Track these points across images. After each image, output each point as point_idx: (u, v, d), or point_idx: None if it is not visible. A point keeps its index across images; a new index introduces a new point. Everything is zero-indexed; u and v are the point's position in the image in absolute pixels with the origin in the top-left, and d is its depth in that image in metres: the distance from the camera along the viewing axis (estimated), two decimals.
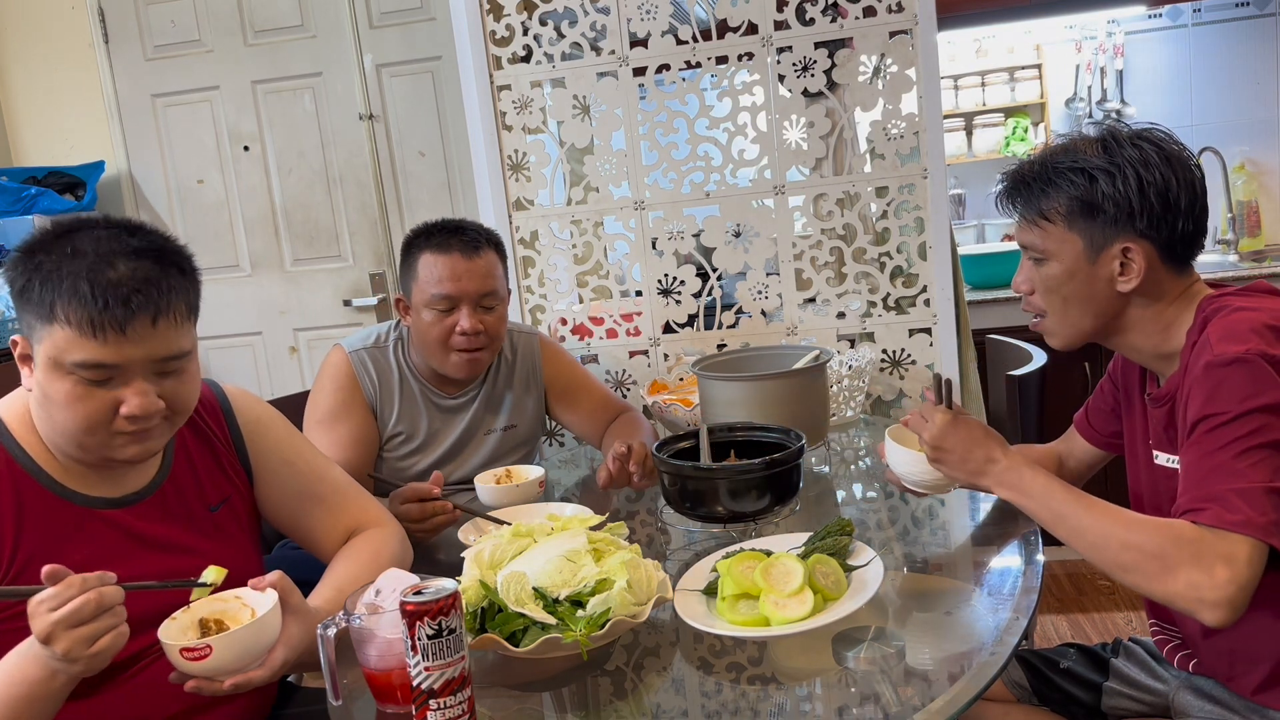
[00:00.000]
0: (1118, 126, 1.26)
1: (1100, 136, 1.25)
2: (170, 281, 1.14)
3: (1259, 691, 1.23)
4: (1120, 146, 1.22)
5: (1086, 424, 1.52)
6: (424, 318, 1.84)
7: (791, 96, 2.31)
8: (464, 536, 1.52)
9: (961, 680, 1.02)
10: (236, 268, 3.30)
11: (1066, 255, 1.25)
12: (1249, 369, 1.08)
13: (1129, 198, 1.20)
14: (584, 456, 2.22)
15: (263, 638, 1.10)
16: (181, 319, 1.16)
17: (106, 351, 1.09)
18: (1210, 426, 1.10)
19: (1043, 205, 1.26)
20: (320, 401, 1.88)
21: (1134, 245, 1.21)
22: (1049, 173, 1.25)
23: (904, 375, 2.36)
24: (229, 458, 1.35)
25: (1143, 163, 1.20)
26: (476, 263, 1.83)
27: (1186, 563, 1.04)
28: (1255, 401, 1.07)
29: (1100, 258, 1.23)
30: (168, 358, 1.15)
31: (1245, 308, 1.16)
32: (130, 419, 1.12)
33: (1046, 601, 2.92)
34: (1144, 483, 1.36)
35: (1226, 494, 1.05)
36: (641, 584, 1.15)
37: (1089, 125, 1.33)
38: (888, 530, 1.54)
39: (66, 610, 0.98)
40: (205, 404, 1.34)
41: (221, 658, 1.06)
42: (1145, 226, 1.20)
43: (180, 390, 1.18)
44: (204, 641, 1.06)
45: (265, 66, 3.16)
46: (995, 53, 3.52)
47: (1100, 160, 1.22)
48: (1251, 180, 3.39)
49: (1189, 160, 1.23)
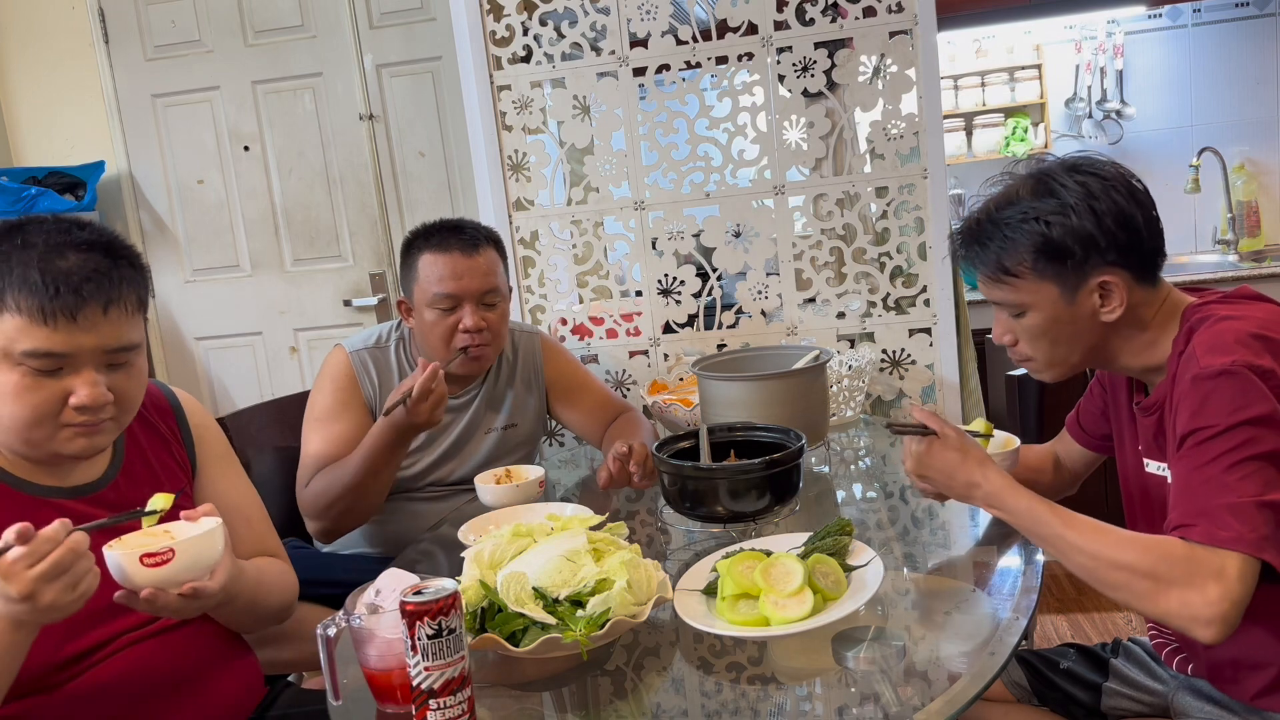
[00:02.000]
0: (1048, 164, 1.25)
1: (1036, 178, 1.24)
2: (121, 273, 1.15)
3: (1259, 697, 1.23)
4: (1061, 184, 1.21)
5: (1078, 426, 1.52)
6: (426, 317, 1.84)
7: (791, 96, 2.31)
8: (464, 536, 1.52)
9: (961, 680, 1.02)
10: (236, 268, 3.30)
11: (1044, 303, 1.24)
12: (1236, 381, 1.08)
13: (1090, 233, 1.19)
14: (584, 456, 2.22)
15: (215, 547, 1.13)
16: (132, 310, 1.17)
17: (57, 339, 1.10)
18: (1199, 440, 1.10)
19: (1004, 262, 1.24)
20: (319, 400, 1.88)
21: (1109, 276, 1.21)
22: (1000, 228, 1.24)
23: (904, 375, 2.36)
24: (179, 453, 1.37)
25: (1089, 194, 1.20)
26: (477, 260, 1.84)
27: (1178, 581, 1.04)
28: (1243, 414, 1.07)
29: (1078, 297, 1.23)
30: (118, 348, 1.15)
31: (1230, 316, 1.16)
32: (79, 409, 1.12)
33: (1046, 601, 2.92)
34: (1135, 488, 1.36)
35: (1217, 509, 1.05)
36: (641, 584, 1.15)
37: (1019, 165, 1.31)
38: (888, 530, 1.54)
39: (48, 564, 0.99)
40: (155, 402, 1.36)
41: (181, 562, 1.08)
42: (1114, 256, 1.20)
43: (128, 386, 1.18)
44: (167, 545, 1.07)
45: (265, 66, 3.16)
46: (995, 53, 3.52)
47: (1048, 204, 1.21)
48: (1251, 180, 3.39)
49: (1129, 178, 1.23)
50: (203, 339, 3.36)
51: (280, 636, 1.65)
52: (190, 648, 1.29)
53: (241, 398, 3.33)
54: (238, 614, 1.32)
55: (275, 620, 1.41)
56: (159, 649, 1.25)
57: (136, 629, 1.23)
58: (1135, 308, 1.23)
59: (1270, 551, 1.04)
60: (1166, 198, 3.55)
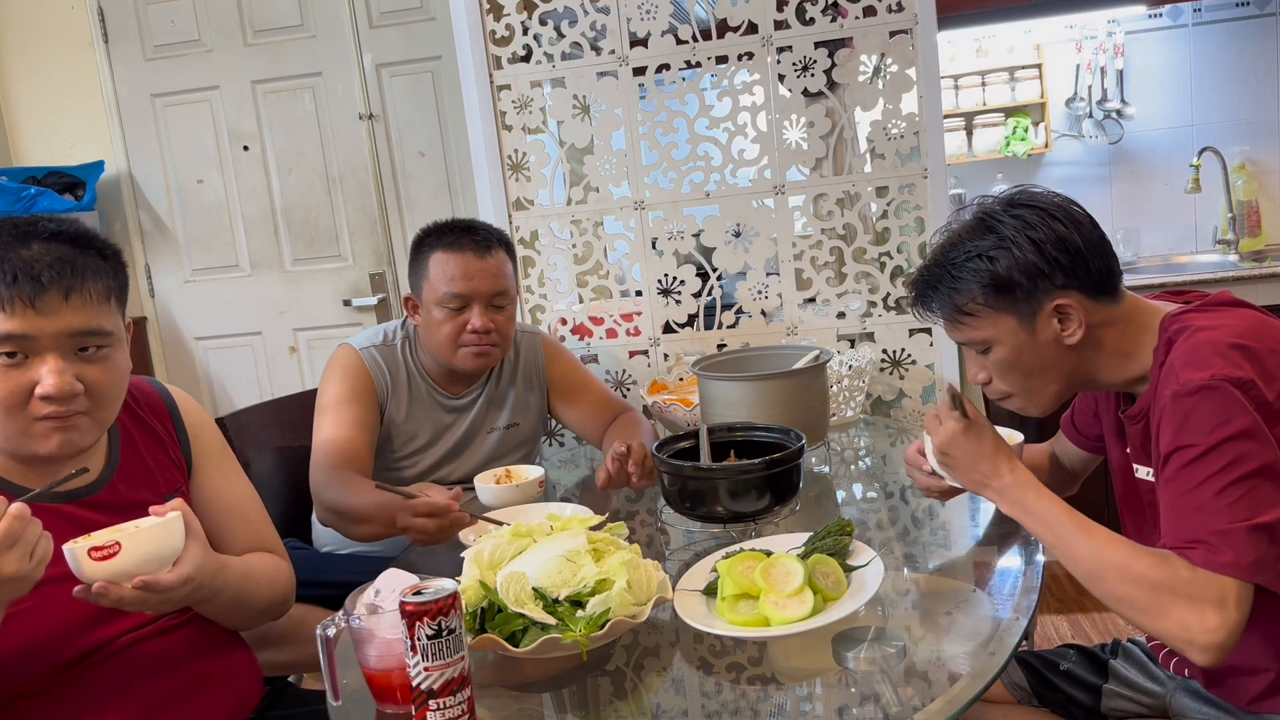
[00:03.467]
0: (987, 204, 1.28)
1: (977, 218, 1.27)
2: (86, 262, 1.14)
3: (1256, 701, 1.23)
4: (999, 221, 1.24)
5: (1072, 427, 1.53)
6: (435, 315, 1.84)
7: (791, 96, 2.31)
8: (464, 536, 1.52)
9: (961, 681, 1.02)
10: (236, 267, 3.30)
11: (1005, 335, 1.26)
12: (1216, 396, 1.09)
13: (1032, 261, 1.21)
14: (584, 456, 2.22)
15: (171, 540, 1.12)
16: (99, 298, 1.16)
17: (14, 323, 1.10)
18: (1184, 461, 1.10)
19: (957, 301, 1.27)
20: (329, 389, 1.87)
21: (1063, 299, 1.22)
22: (949, 270, 1.27)
23: (904, 375, 2.36)
24: (175, 451, 1.36)
25: (1027, 225, 1.22)
26: (488, 262, 1.84)
27: (1180, 602, 1.05)
28: (1224, 431, 1.07)
29: (1037, 324, 1.24)
30: (83, 332, 1.14)
31: (1207, 327, 1.16)
32: (46, 399, 1.12)
33: (1046, 602, 2.92)
34: (1125, 493, 1.37)
35: (1210, 537, 1.06)
36: (641, 584, 1.15)
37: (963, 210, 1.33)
38: (888, 530, 1.54)
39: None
40: (150, 401, 1.36)
41: (129, 556, 1.07)
42: (1062, 280, 1.22)
43: (102, 379, 1.17)
44: (113, 538, 1.07)
45: (265, 66, 3.16)
46: (995, 52, 3.51)
47: (988, 241, 1.24)
48: (1251, 180, 3.39)
49: (1067, 205, 1.25)
50: (202, 339, 3.35)
51: (280, 638, 1.65)
52: (190, 648, 1.29)
53: (241, 398, 3.33)
54: (225, 609, 1.31)
55: (269, 616, 1.40)
56: (159, 650, 1.25)
57: (137, 629, 1.23)
58: (1097, 327, 1.24)
59: (1265, 574, 1.05)
60: (1167, 198, 3.57)
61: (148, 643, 1.24)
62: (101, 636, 1.20)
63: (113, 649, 1.21)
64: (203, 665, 1.30)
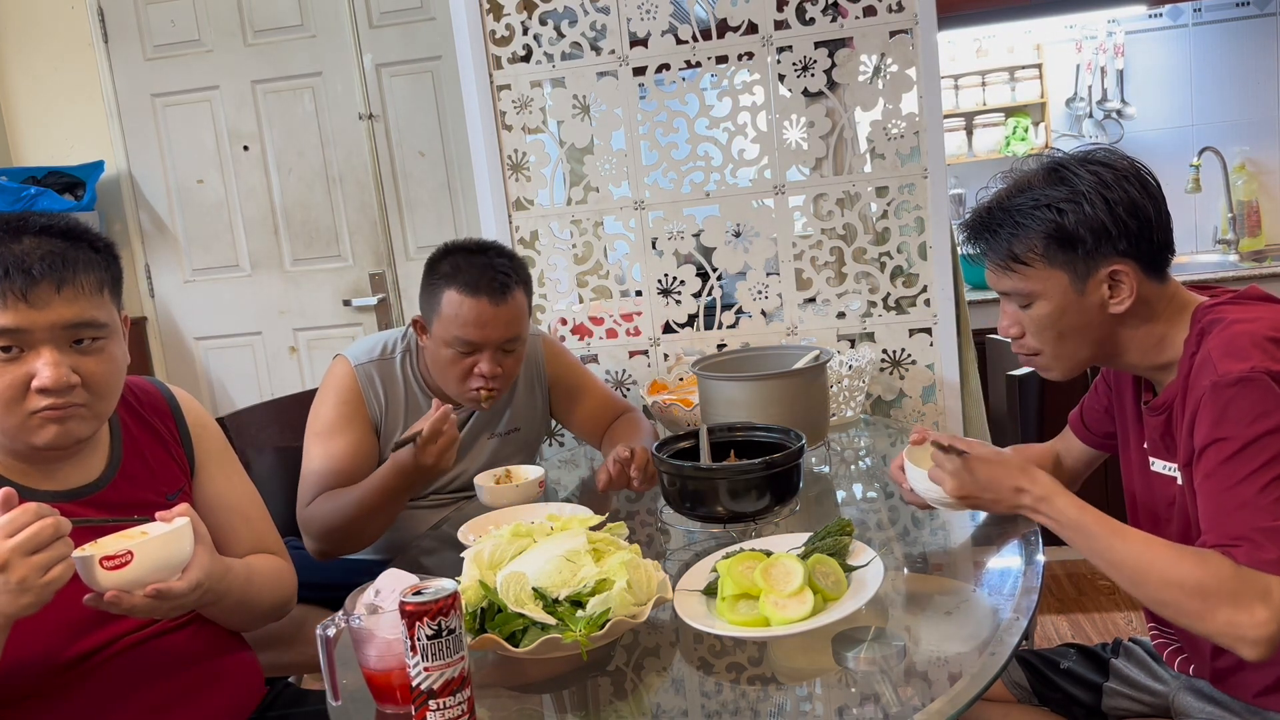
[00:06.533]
0: (1061, 156, 1.25)
1: (1049, 168, 1.24)
2: (79, 255, 1.14)
3: (1261, 695, 1.23)
4: (1074, 174, 1.21)
5: (1081, 424, 1.52)
6: (443, 353, 1.79)
7: (791, 96, 2.31)
8: (464, 536, 1.52)
9: (961, 680, 1.02)
10: (236, 268, 3.30)
11: (1054, 292, 1.24)
12: (1255, 388, 1.08)
13: (1102, 221, 1.19)
14: (584, 456, 2.22)
15: (181, 547, 1.12)
16: (91, 290, 1.16)
17: (8, 317, 1.10)
18: (1223, 455, 1.09)
19: (1015, 249, 1.24)
20: (321, 413, 1.84)
21: (1120, 266, 1.21)
22: (1012, 215, 1.24)
23: (904, 375, 2.36)
24: (177, 451, 1.36)
25: (1102, 184, 1.20)
26: (503, 310, 1.75)
27: (1225, 601, 1.05)
28: (1264, 424, 1.07)
29: (1088, 286, 1.22)
30: (77, 324, 1.14)
31: (1243, 319, 1.16)
32: (43, 392, 1.12)
33: (1047, 601, 2.92)
34: (1139, 487, 1.36)
35: (1254, 534, 1.05)
36: (641, 584, 1.15)
37: (1030, 159, 1.31)
38: (888, 530, 1.54)
39: (25, 535, 0.98)
40: (152, 401, 1.36)
41: (142, 565, 1.07)
42: (1125, 246, 1.20)
43: (99, 371, 1.17)
44: (125, 547, 1.07)
45: (265, 66, 3.16)
46: (995, 52, 3.51)
47: (1061, 192, 1.21)
48: (1251, 180, 3.39)
49: (1141, 171, 1.23)
50: (202, 339, 3.35)
51: (281, 639, 1.65)
52: (190, 648, 1.29)
53: (241, 398, 3.33)
54: (229, 611, 1.31)
55: (271, 617, 1.40)
56: (161, 650, 1.25)
57: (138, 630, 1.23)
58: (1144, 301, 1.23)
59: None
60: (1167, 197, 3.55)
61: (149, 643, 1.24)
62: (103, 637, 1.20)
63: (114, 650, 1.21)
64: (204, 666, 1.30)
